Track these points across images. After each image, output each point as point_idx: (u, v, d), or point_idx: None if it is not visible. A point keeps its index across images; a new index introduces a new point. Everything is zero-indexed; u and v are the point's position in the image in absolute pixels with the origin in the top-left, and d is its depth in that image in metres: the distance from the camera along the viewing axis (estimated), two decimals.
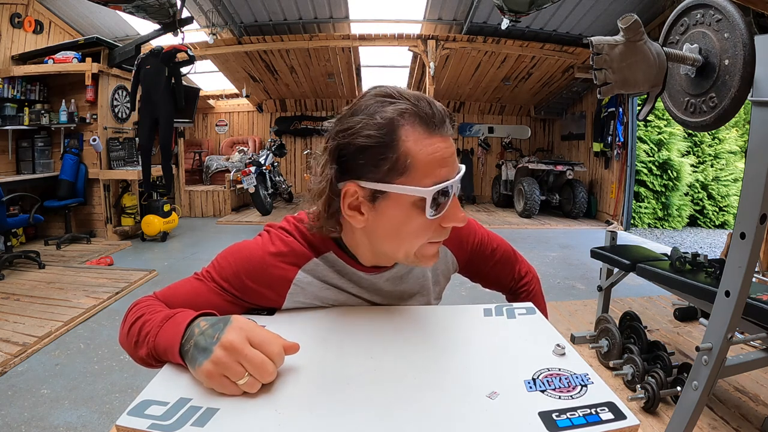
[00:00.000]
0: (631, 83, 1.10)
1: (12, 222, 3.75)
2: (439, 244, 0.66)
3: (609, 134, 6.38)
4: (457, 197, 0.63)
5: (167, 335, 0.55)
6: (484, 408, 0.47)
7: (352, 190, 0.60)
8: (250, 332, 0.52)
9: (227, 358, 0.49)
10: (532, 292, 0.92)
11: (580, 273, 4.01)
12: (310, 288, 0.70)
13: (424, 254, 0.64)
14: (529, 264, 0.96)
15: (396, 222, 0.61)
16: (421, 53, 6.21)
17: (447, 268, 0.83)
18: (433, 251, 0.65)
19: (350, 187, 0.60)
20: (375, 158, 0.58)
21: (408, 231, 0.61)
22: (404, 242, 0.63)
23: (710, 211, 7.05)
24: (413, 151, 0.58)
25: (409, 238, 0.62)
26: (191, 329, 0.54)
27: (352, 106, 0.62)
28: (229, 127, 8.57)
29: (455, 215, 0.62)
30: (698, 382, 1.40)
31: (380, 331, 0.65)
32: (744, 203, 1.28)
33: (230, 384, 0.49)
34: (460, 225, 0.63)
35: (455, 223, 0.62)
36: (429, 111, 0.59)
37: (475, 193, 8.38)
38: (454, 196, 0.61)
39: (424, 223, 0.60)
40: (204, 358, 0.49)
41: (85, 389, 2.07)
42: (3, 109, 4.55)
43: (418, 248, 0.63)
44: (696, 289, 1.81)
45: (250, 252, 0.68)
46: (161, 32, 4.35)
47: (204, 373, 0.49)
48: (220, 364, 0.49)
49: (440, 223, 0.62)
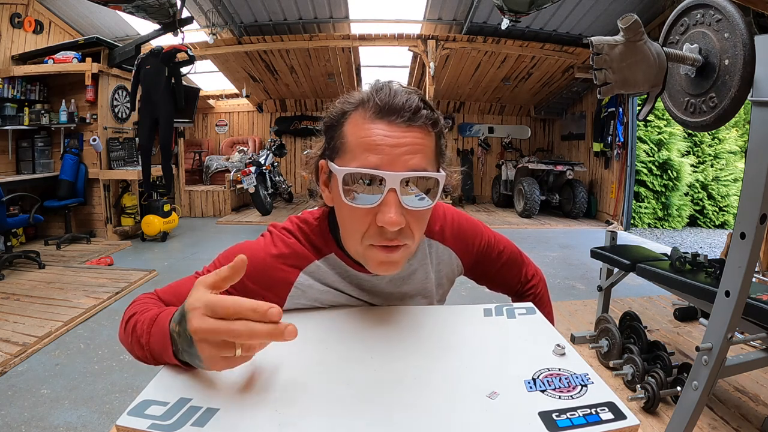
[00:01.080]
0: (631, 83, 1.10)
1: (12, 222, 3.75)
2: (387, 251, 0.60)
3: (609, 134, 6.38)
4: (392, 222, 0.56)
5: (157, 340, 0.55)
6: (484, 408, 0.47)
7: (323, 167, 0.65)
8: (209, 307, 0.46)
9: (209, 345, 0.46)
10: (539, 294, 0.91)
11: (580, 273, 4.01)
12: (311, 290, 0.70)
13: (371, 257, 0.62)
14: (536, 266, 0.95)
15: (337, 205, 0.63)
16: (421, 53, 6.21)
17: (451, 270, 0.82)
18: (380, 258, 0.61)
19: (322, 163, 0.65)
20: (327, 138, 0.64)
21: (343, 216, 0.62)
22: (347, 232, 0.64)
23: (710, 211, 7.05)
24: (348, 132, 0.60)
25: (346, 226, 0.63)
26: (172, 331, 0.52)
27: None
28: (229, 127, 8.57)
29: (383, 214, 0.56)
30: (698, 382, 1.40)
31: (380, 331, 0.65)
32: (744, 203, 1.28)
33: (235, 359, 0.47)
34: (388, 227, 0.57)
35: (382, 223, 0.57)
36: (385, 99, 0.58)
37: (475, 193, 8.37)
38: (389, 192, 0.56)
39: (351, 211, 0.59)
40: (196, 357, 0.48)
41: (85, 389, 2.07)
42: (3, 109, 4.55)
43: (365, 249, 0.61)
44: (696, 289, 1.81)
45: (251, 253, 0.68)
46: (161, 32, 4.35)
47: (209, 367, 0.48)
48: (211, 353, 0.46)
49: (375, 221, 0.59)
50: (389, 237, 0.59)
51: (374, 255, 0.61)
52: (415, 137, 0.58)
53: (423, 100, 0.60)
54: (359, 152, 0.57)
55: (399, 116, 0.57)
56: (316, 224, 0.71)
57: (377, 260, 0.62)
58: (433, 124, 0.60)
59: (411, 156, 0.57)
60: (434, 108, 0.62)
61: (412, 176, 0.57)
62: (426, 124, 0.59)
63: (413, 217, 0.60)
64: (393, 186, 0.56)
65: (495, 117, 8.71)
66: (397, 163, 0.56)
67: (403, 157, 0.57)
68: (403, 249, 0.62)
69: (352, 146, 0.58)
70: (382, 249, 0.60)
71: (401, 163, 0.57)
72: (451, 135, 8.59)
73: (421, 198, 0.60)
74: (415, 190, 0.59)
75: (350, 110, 0.61)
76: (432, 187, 0.60)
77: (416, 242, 0.63)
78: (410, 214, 0.59)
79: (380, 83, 0.61)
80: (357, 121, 0.59)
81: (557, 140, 8.51)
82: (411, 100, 0.58)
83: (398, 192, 0.56)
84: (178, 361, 0.52)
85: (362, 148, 0.57)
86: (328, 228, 0.71)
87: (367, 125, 0.58)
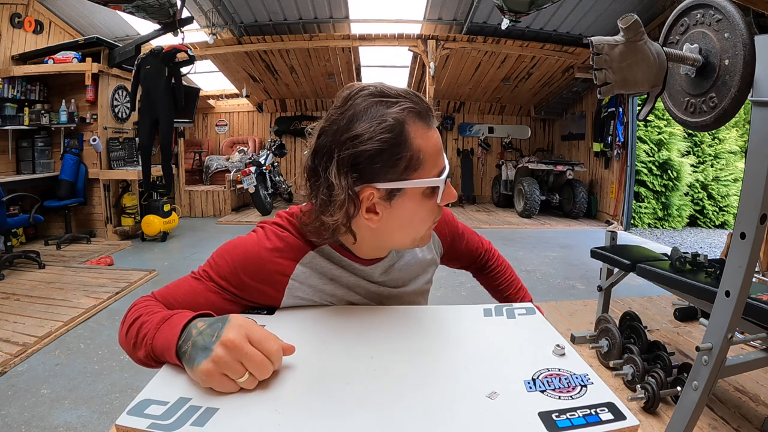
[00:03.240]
0: (631, 83, 1.10)
1: (12, 222, 3.75)
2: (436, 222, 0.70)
3: (609, 134, 6.38)
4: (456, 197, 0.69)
5: (164, 337, 0.55)
6: (484, 408, 0.47)
7: (369, 194, 0.61)
8: (248, 330, 0.52)
9: (228, 356, 0.49)
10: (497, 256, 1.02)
11: (580, 273, 4.01)
12: (309, 281, 0.70)
13: (427, 235, 0.70)
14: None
15: (409, 213, 0.65)
16: (421, 53, 6.21)
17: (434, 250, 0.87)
18: (431, 230, 0.72)
19: (367, 191, 0.61)
20: (391, 159, 0.59)
21: (419, 219, 0.66)
22: (415, 230, 0.67)
23: (710, 211, 7.05)
24: (423, 146, 0.61)
25: (420, 225, 0.67)
26: (188, 330, 0.54)
27: (344, 109, 0.61)
28: (229, 127, 8.57)
29: (450, 192, 0.67)
30: (698, 382, 1.40)
31: (380, 331, 0.65)
32: (744, 203, 1.28)
33: (229, 382, 0.49)
34: (455, 200, 0.70)
35: (451, 199, 0.67)
36: (425, 106, 0.63)
37: (475, 193, 8.37)
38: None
39: (433, 208, 0.66)
40: (204, 357, 0.49)
41: (85, 389, 2.07)
42: (3, 109, 4.54)
43: (428, 231, 0.70)
44: (696, 289, 1.81)
45: (247, 249, 0.68)
46: (161, 32, 4.35)
47: (203, 371, 0.49)
48: (221, 363, 0.48)
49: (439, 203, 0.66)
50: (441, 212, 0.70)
51: (429, 231, 0.71)
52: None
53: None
54: (436, 158, 0.63)
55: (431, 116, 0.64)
56: (306, 217, 0.71)
57: (430, 234, 0.71)
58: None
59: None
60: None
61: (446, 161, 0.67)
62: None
63: None
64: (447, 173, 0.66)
65: (495, 117, 8.71)
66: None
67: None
68: None
69: (430, 156, 0.62)
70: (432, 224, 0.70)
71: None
72: (451, 135, 8.60)
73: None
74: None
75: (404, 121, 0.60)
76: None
77: None
78: None
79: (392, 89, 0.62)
80: (421, 134, 0.62)
81: (557, 140, 8.51)
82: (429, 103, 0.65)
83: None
84: (177, 360, 0.53)
85: (437, 154, 0.63)
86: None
87: (429, 134, 0.63)
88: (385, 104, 0.60)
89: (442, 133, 8.53)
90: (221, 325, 0.52)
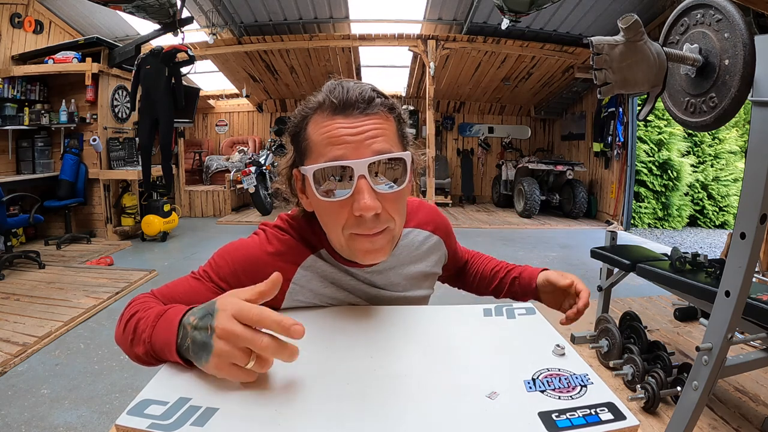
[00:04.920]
0: (631, 83, 1.09)
1: (12, 222, 3.75)
2: (370, 238, 0.62)
3: (609, 134, 6.38)
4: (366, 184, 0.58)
5: (162, 334, 0.55)
6: (484, 408, 0.47)
7: (297, 175, 0.67)
8: (238, 312, 0.48)
9: (228, 346, 0.47)
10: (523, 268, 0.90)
11: (580, 273, 3.98)
12: (309, 285, 0.70)
13: (356, 248, 0.63)
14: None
15: (315, 205, 0.64)
16: (421, 53, 6.21)
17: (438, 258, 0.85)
18: (364, 247, 0.62)
19: (295, 172, 0.67)
20: (294, 146, 0.66)
21: (321, 214, 0.64)
22: (328, 228, 0.65)
23: (710, 211, 7.05)
24: (310, 133, 0.62)
25: (326, 223, 0.64)
26: (183, 326, 0.53)
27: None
28: (229, 127, 8.57)
29: (357, 202, 0.58)
30: (698, 382, 1.40)
31: (380, 331, 0.65)
32: (744, 203, 1.28)
33: (241, 370, 0.48)
34: (365, 213, 0.58)
35: (359, 211, 0.58)
36: (339, 96, 0.60)
37: (475, 193, 8.38)
38: (360, 180, 0.58)
39: (328, 206, 0.61)
40: (207, 353, 0.48)
41: (85, 389, 2.07)
42: (3, 109, 4.55)
43: (347, 239, 0.63)
44: (696, 289, 1.81)
45: (248, 251, 0.68)
46: (161, 32, 4.35)
47: (213, 367, 0.48)
48: (224, 355, 0.47)
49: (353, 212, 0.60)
50: (369, 225, 0.61)
51: (359, 245, 0.63)
52: (374, 123, 0.60)
53: (375, 90, 0.63)
54: (324, 148, 0.60)
55: (355, 108, 0.60)
56: (305, 221, 0.72)
57: (363, 249, 0.63)
58: (389, 109, 0.63)
59: (372, 140, 0.59)
60: (388, 96, 0.65)
61: (378, 159, 0.59)
62: (383, 111, 0.62)
63: (388, 200, 0.61)
64: (362, 173, 0.58)
65: (495, 117, 8.71)
66: (361, 150, 0.58)
67: (365, 143, 0.59)
68: (385, 233, 0.63)
69: (316, 145, 0.61)
70: (365, 237, 0.62)
71: (365, 148, 0.59)
72: (451, 135, 8.60)
73: (393, 181, 0.63)
74: (384, 179, 0.62)
75: (310, 114, 0.63)
76: (400, 168, 0.62)
77: (398, 224, 0.65)
78: (385, 198, 0.61)
79: (333, 83, 0.63)
80: (317, 121, 0.62)
81: (557, 140, 8.51)
82: (364, 92, 0.61)
83: (368, 178, 0.58)
84: (179, 358, 0.52)
85: (326, 143, 0.60)
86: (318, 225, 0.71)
87: (327, 122, 0.60)
88: (314, 95, 0.63)
89: (443, 133, 8.54)
90: (211, 315, 0.50)
